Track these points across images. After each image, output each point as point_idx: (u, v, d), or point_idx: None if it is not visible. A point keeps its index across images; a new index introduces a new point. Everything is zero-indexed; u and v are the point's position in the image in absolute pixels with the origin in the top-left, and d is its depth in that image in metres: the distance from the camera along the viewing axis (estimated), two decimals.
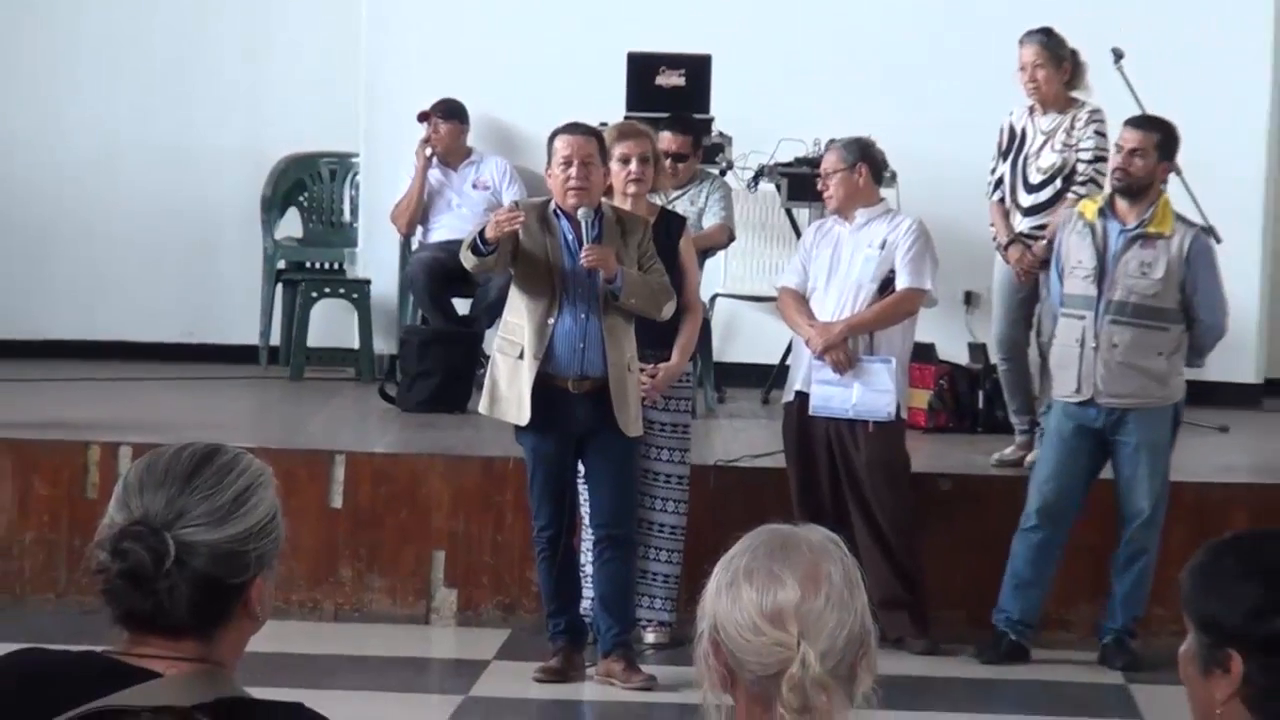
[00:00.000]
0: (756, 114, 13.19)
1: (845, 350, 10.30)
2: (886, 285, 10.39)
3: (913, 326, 10.68)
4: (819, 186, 10.75)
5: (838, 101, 12.93)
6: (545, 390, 9.56)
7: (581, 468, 9.84)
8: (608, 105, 12.18)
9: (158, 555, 3.76)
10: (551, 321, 9.57)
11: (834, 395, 10.39)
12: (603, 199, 9.74)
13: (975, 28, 12.61)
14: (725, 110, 13.11)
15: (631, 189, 10.03)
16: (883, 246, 10.43)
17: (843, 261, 10.49)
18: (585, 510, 10.02)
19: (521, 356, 9.60)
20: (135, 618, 3.81)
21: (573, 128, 9.86)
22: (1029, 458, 11.36)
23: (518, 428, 9.71)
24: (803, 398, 10.44)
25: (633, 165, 10.07)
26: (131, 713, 2.77)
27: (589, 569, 10.05)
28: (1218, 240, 10.59)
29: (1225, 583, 3.82)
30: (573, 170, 9.60)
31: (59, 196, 14.19)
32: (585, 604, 10.07)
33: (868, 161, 10.53)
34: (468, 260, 9.71)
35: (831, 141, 10.74)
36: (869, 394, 10.40)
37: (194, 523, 3.78)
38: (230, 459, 3.86)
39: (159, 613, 3.79)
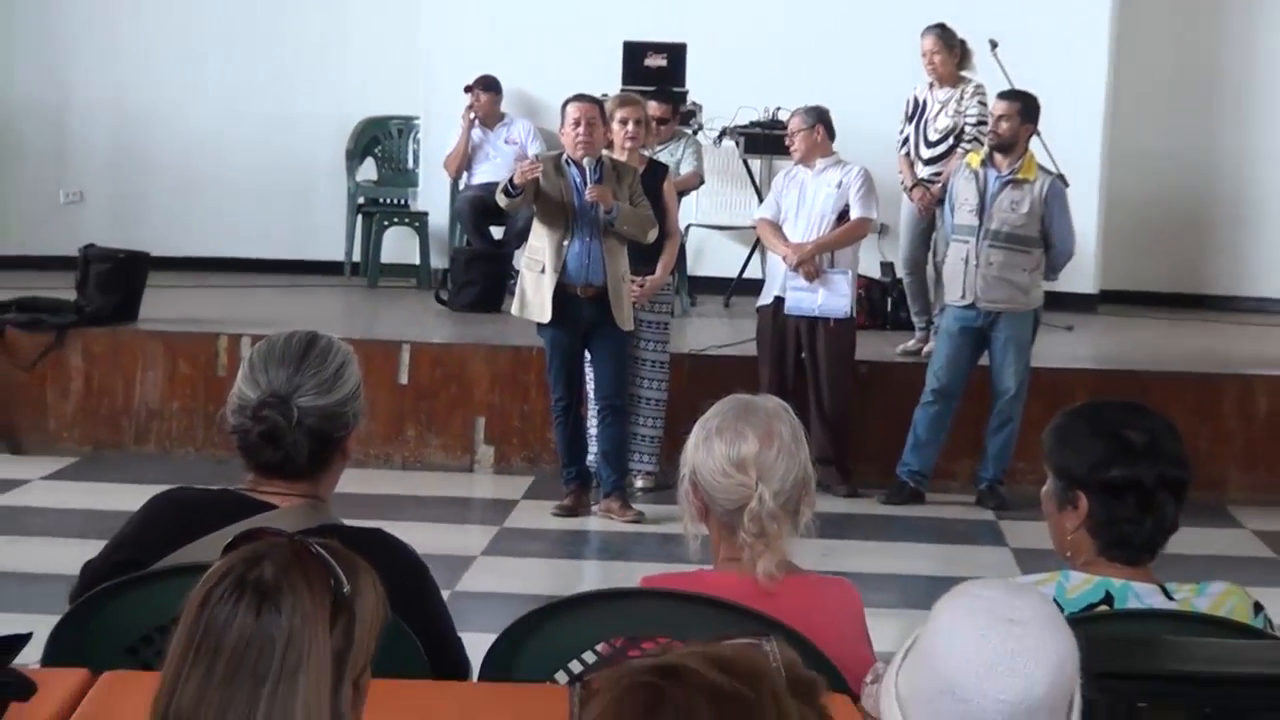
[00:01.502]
0: (721, 88, 13.09)
1: (814, 264, 10.31)
2: (841, 216, 10.41)
3: (859, 248, 10.72)
4: (786, 142, 10.75)
5: (783, 79, 12.84)
6: (561, 296, 9.53)
7: (587, 354, 9.86)
8: (607, 81, 12.16)
9: (287, 418, 3.83)
10: (565, 244, 9.55)
11: (804, 299, 10.35)
12: (603, 151, 9.75)
13: (888, 23, 12.53)
14: (697, 84, 13.04)
15: (628, 144, 10.01)
16: (839, 186, 10.42)
17: (807, 199, 10.45)
18: (590, 387, 10.05)
19: (543, 271, 9.58)
20: (265, 466, 3.88)
21: (581, 97, 9.84)
22: (926, 348, 11.34)
23: (540, 324, 9.69)
24: (778, 301, 10.46)
25: (629, 126, 10.05)
26: (260, 534, 2.80)
27: (594, 431, 10.08)
28: (1066, 184, 10.55)
29: (1076, 441, 3.88)
30: (580, 130, 9.59)
31: (193, 151, 14.07)
32: (590, 458, 10.08)
33: (823, 123, 10.52)
34: (501, 200, 9.72)
35: (796, 109, 10.73)
36: (831, 298, 10.38)
37: (308, 392, 3.85)
38: (327, 343, 3.94)
39: (285, 462, 3.86)
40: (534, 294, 9.66)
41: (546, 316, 9.61)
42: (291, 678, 2.60)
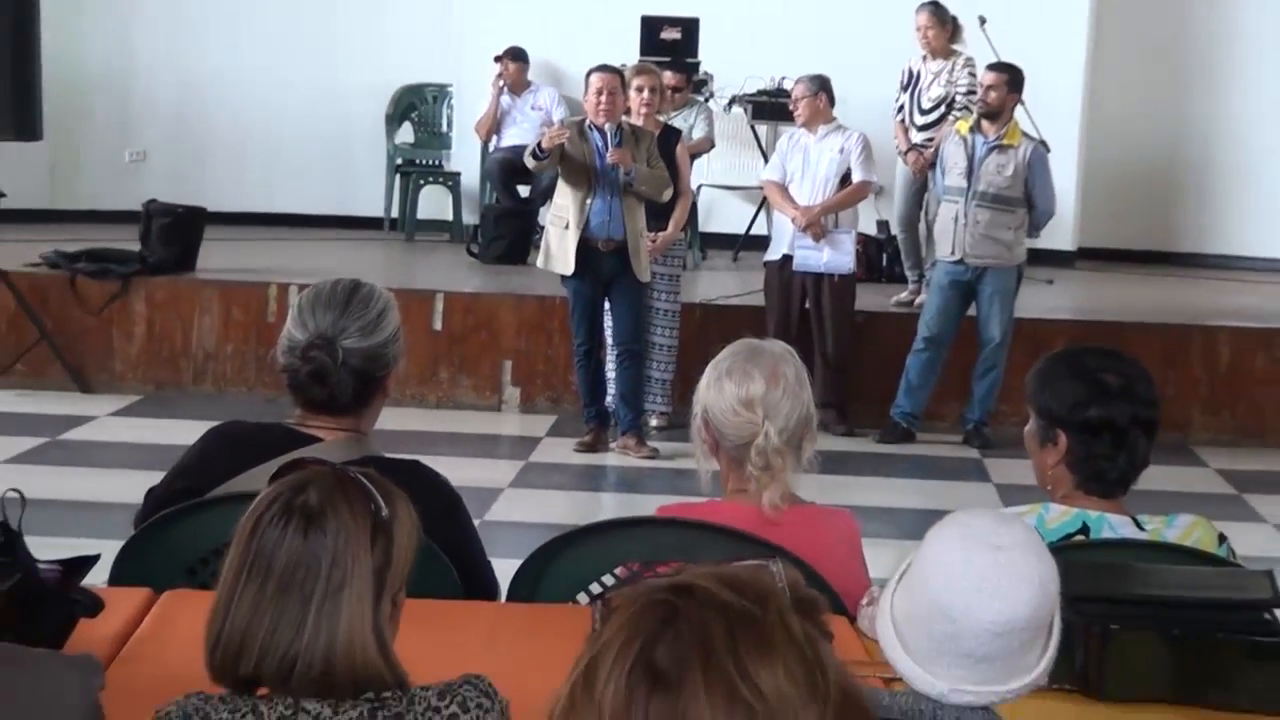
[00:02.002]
0: (730, 58, 13.06)
1: (820, 225, 10.31)
2: (843, 180, 10.39)
3: (858, 208, 10.71)
4: (790, 108, 10.68)
5: (788, 50, 12.80)
6: (583, 249, 9.52)
7: (607, 304, 9.85)
8: (626, 52, 12.12)
9: (333, 359, 3.84)
10: (588, 202, 9.53)
11: (811, 256, 10.32)
12: (623, 117, 9.72)
13: (886, 1, 12.48)
14: (709, 56, 13.03)
15: (644, 110, 9.98)
16: (841, 152, 10.40)
17: (811, 162, 10.41)
18: (609, 333, 10.04)
19: (567, 227, 9.56)
20: (312, 402, 3.89)
21: (603, 68, 9.81)
22: (918, 300, 11.32)
23: (563, 275, 9.69)
24: (785, 258, 10.44)
25: (645, 94, 10.02)
26: (302, 464, 2.81)
27: (612, 374, 10.08)
28: (1048, 150, 10.53)
29: (1057, 384, 3.88)
30: (602, 98, 9.57)
31: (247, 115, 14.06)
32: (608, 398, 10.09)
33: (825, 91, 10.49)
34: (530, 162, 9.68)
35: (800, 78, 10.69)
36: (836, 256, 10.35)
37: (352, 335, 3.86)
38: (370, 290, 3.95)
39: (330, 399, 3.87)
40: (558, 248, 9.65)
41: (570, 269, 9.60)
42: (336, 594, 2.62)
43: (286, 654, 2.61)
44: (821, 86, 10.48)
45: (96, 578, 3.38)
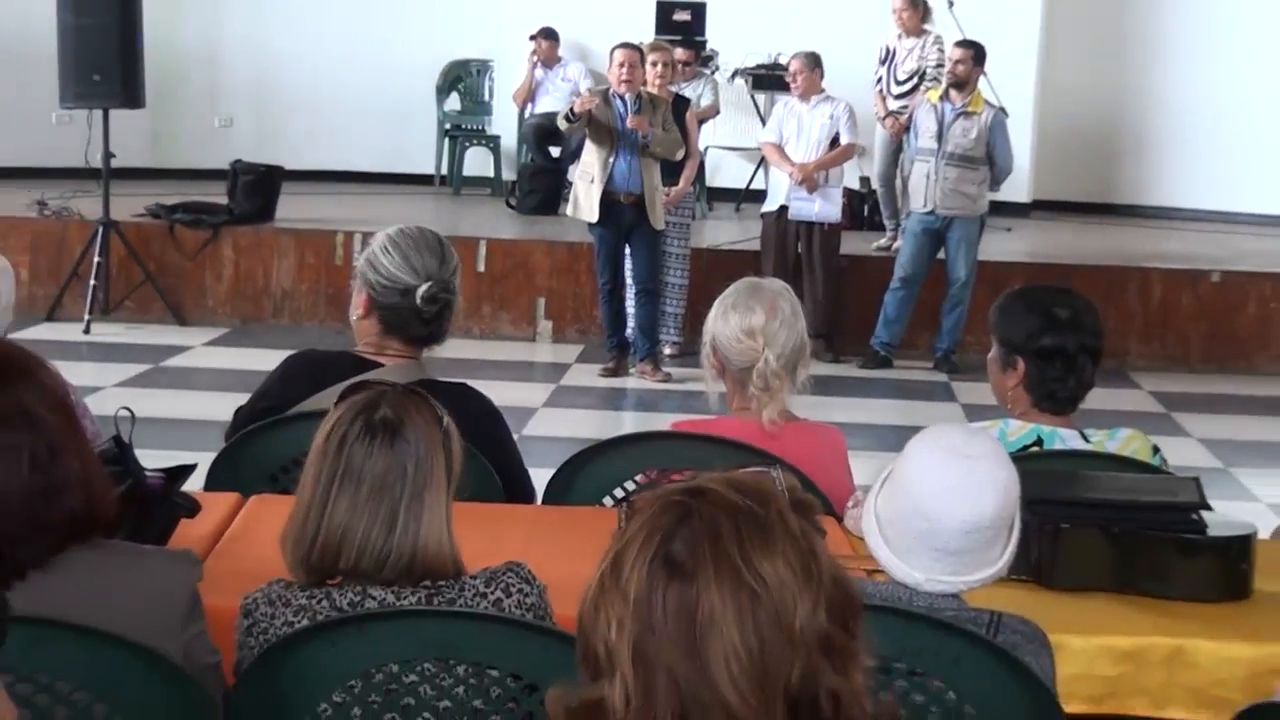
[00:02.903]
0: (733, 37, 12.99)
1: (813, 179, 10.28)
2: (831, 142, 10.37)
3: (844, 166, 10.67)
4: (788, 80, 10.59)
5: (783, 30, 12.71)
6: (606, 201, 9.50)
7: (627, 248, 9.83)
8: (643, 31, 12.03)
9: (450, 297, 3.82)
10: (611, 160, 9.49)
11: (804, 207, 10.27)
12: (641, 87, 9.68)
13: None
14: (714, 34, 12.94)
15: (658, 81, 9.93)
16: (830, 118, 10.36)
17: (804, 127, 10.34)
18: (629, 274, 10.02)
19: (593, 181, 9.54)
20: (405, 334, 3.85)
21: (625, 45, 9.76)
22: (894, 245, 11.25)
23: (590, 224, 9.69)
24: (781, 209, 10.41)
25: (659, 67, 9.94)
26: (374, 384, 2.81)
27: (631, 309, 10.07)
28: (1006, 115, 10.48)
29: (1016, 316, 3.88)
30: (624, 70, 9.52)
31: (318, 85, 13.94)
32: (628, 330, 10.08)
33: (819, 66, 10.47)
34: (562, 125, 9.67)
35: (797, 54, 10.64)
36: (826, 206, 10.32)
37: (450, 275, 3.83)
38: (439, 235, 3.91)
39: (430, 333, 3.85)
40: (585, 199, 9.63)
41: (594, 217, 9.58)
42: (420, 495, 2.65)
43: (381, 550, 2.64)
44: (817, 63, 10.45)
45: (193, 484, 3.39)
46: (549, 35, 13.36)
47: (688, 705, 1.76)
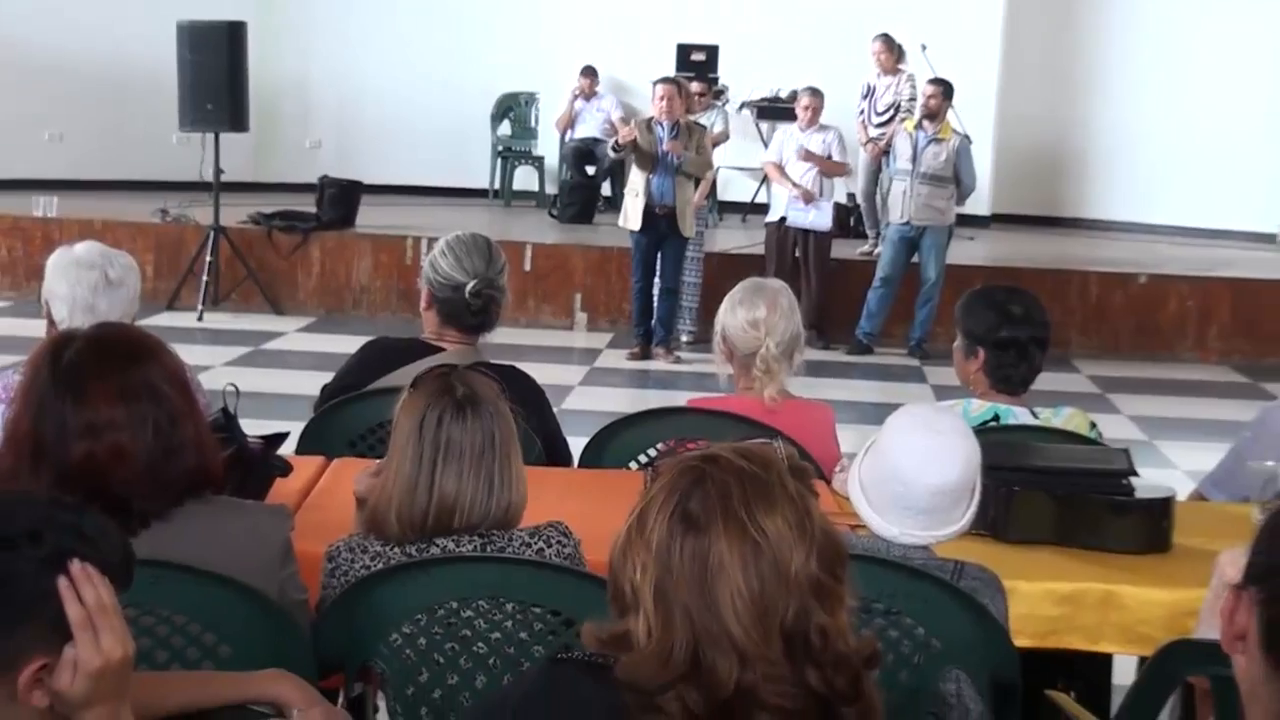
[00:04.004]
0: (741, 74, 12.95)
1: (810, 193, 10.25)
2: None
3: (834, 185, 10.59)
4: (797, 110, 10.52)
5: (783, 69, 12.71)
6: (646, 212, 9.47)
7: (658, 253, 9.77)
8: (666, 68, 11.96)
9: (496, 294, 3.81)
10: (652, 178, 9.46)
11: (801, 216, 10.17)
12: (680, 116, 9.58)
13: (853, 33, 12.20)
14: (725, 72, 12.91)
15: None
16: (824, 143, 10.29)
17: (803, 150, 10.39)
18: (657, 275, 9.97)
19: (638, 195, 9.50)
20: (460, 324, 3.85)
21: (665, 80, 9.70)
22: (875, 251, 11.19)
23: (631, 230, 9.64)
24: (782, 219, 10.36)
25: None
26: (443, 368, 2.82)
27: (656, 304, 10.02)
28: (970, 141, 10.45)
29: (977, 312, 3.87)
30: (664, 102, 9.45)
31: (391, 114, 13.96)
32: (651, 321, 10.05)
33: (822, 98, 10.46)
34: (610, 154, 9.72)
35: (807, 88, 10.56)
36: (820, 217, 10.22)
37: (497, 274, 3.82)
38: (490, 240, 3.90)
39: (481, 324, 3.85)
40: (632, 211, 9.52)
41: (637, 226, 9.52)
42: (507, 456, 2.66)
43: (484, 507, 2.64)
44: (822, 96, 10.44)
45: (286, 449, 3.40)
46: (589, 73, 13.34)
47: (700, 637, 1.76)
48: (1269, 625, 1.52)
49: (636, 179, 9.51)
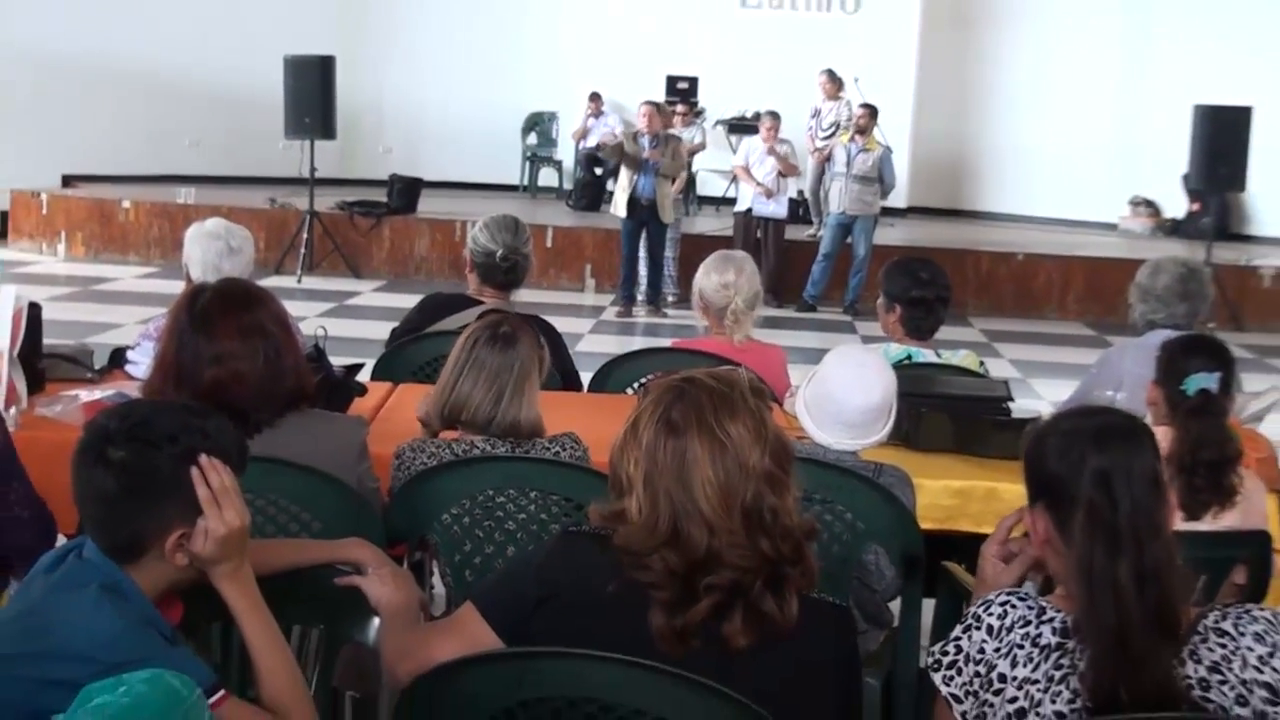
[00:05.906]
0: (716, 98, 12.87)
1: (770, 190, 10.19)
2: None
3: (788, 183, 10.48)
4: (760, 127, 10.42)
5: (749, 95, 12.65)
6: (633, 203, 9.43)
7: (644, 234, 9.75)
8: (656, 93, 11.87)
9: (520, 259, 3.78)
10: (637, 178, 9.43)
11: (764, 207, 10.08)
12: (659, 129, 9.54)
13: (804, 67, 12.14)
14: (704, 96, 12.80)
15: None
16: (781, 153, 10.24)
17: (763, 158, 10.25)
18: (642, 250, 9.93)
19: (625, 190, 9.49)
20: (495, 282, 3.84)
21: (647, 102, 9.65)
22: (819, 234, 11.15)
23: (622, 217, 9.62)
24: (748, 210, 10.27)
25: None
26: (489, 313, 2.81)
27: (643, 270, 9.97)
28: (891, 151, 10.41)
29: (896, 277, 3.87)
30: (645, 120, 9.43)
31: (446, 126, 13.88)
32: (633, 287, 9.94)
33: (779, 120, 10.41)
34: (600, 155, 9.64)
35: (768, 111, 10.53)
36: (778, 208, 10.16)
37: (522, 245, 3.80)
38: (521, 220, 3.88)
39: (510, 282, 3.83)
40: (621, 201, 9.54)
41: (624, 213, 9.52)
42: (520, 383, 2.64)
43: (488, 414, 2.64)
44: (778, 119, 10.39)
45: (363, 377, 3.40)
46: (595, 98, 13.29)
47: (678, 513, 1.77)
48: (1057, 518, 1.75)
49: (625, 178, 9.49)
